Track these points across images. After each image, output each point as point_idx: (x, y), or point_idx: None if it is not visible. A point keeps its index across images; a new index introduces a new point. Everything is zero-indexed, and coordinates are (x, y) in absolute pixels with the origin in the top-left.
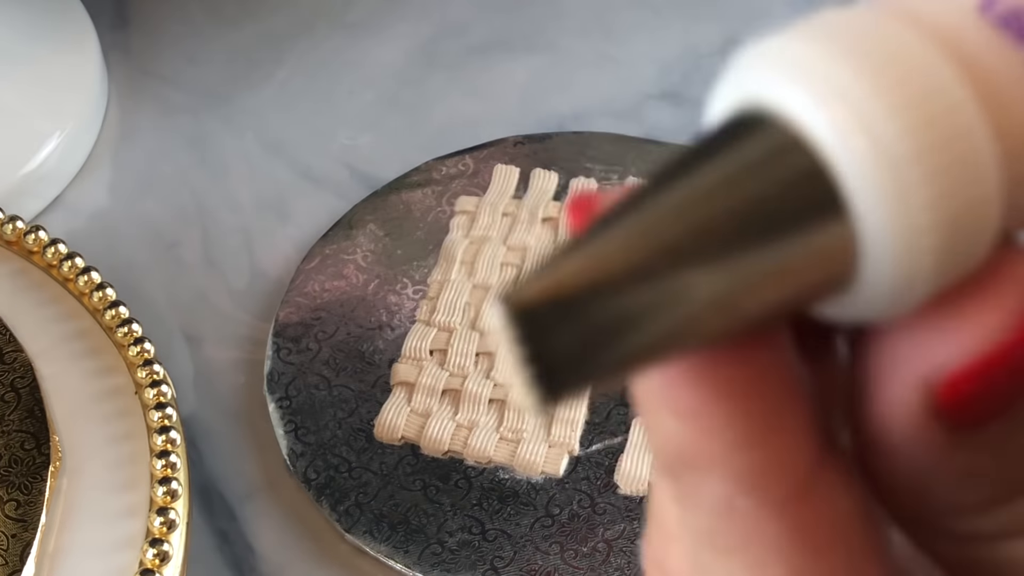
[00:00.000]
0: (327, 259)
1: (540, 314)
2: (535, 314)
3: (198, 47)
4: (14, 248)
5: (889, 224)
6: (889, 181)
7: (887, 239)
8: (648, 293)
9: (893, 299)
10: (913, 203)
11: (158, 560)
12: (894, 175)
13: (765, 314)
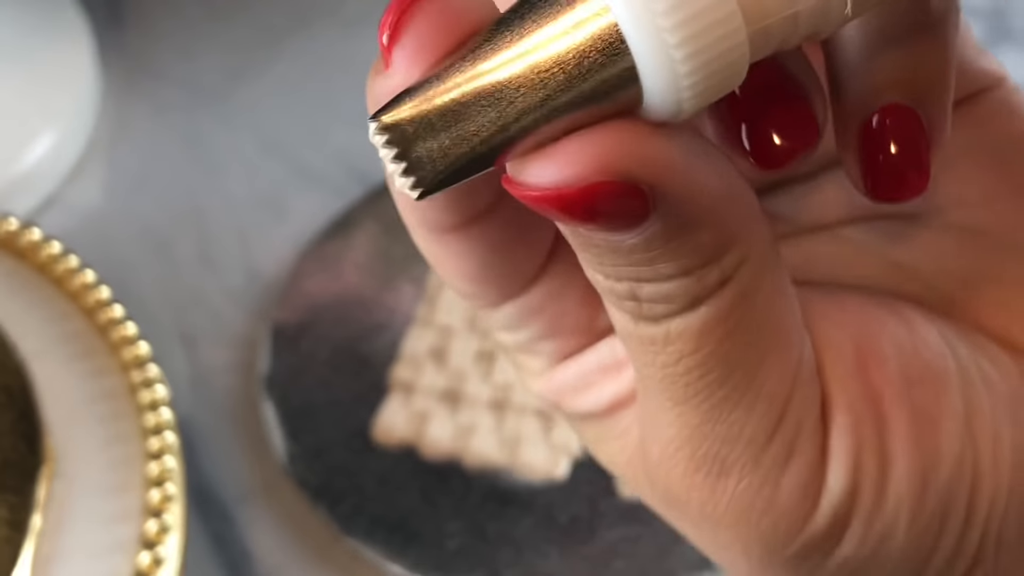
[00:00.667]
0: (324, 258)
1: (404, 127)
2: (401, 127)
3: (193, 44)
4: (6, 247)
5: (659, 76)
6: (659, 48)
7: (660, 87)
8: (479, 107)
9: (672, 115)
10: (675, 58)
11: (153, 564)
12: (662, 43)
13: (572, 125)
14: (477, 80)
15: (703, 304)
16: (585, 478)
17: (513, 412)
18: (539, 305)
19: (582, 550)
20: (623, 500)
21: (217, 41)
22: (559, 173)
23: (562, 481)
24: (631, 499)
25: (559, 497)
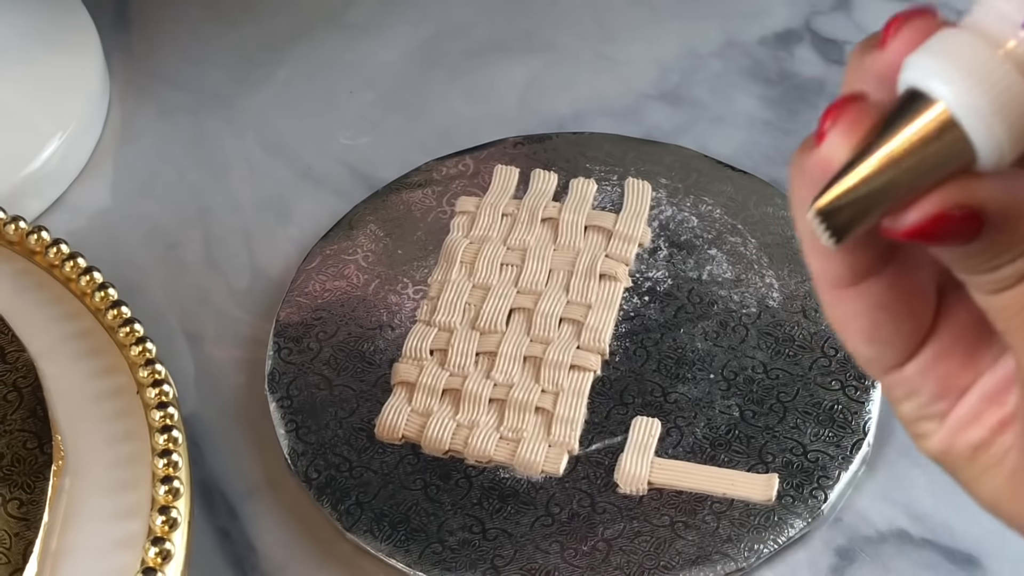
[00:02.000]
0: (328, 259)
1: (834, 205)
2: (832, 206)
3: (199, 48)
4: (16, 248)
5: (987, 147)
6: (984, 124)
7: (987, 153)
8: (879, 179)
9: (997, 165)
10: (998, 135)
11: (160, 559)
12: (986, 122)
13: (935, 183)
14: (878, 163)
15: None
16: (584, 475)
17: (513, 410)
18: (931, 365)
19: (581, 546)
20: (621, 496)
21: (223, 45)
22: (922, 213)
23: (561, 478)
24: (630, 495)
25: (558, 493)
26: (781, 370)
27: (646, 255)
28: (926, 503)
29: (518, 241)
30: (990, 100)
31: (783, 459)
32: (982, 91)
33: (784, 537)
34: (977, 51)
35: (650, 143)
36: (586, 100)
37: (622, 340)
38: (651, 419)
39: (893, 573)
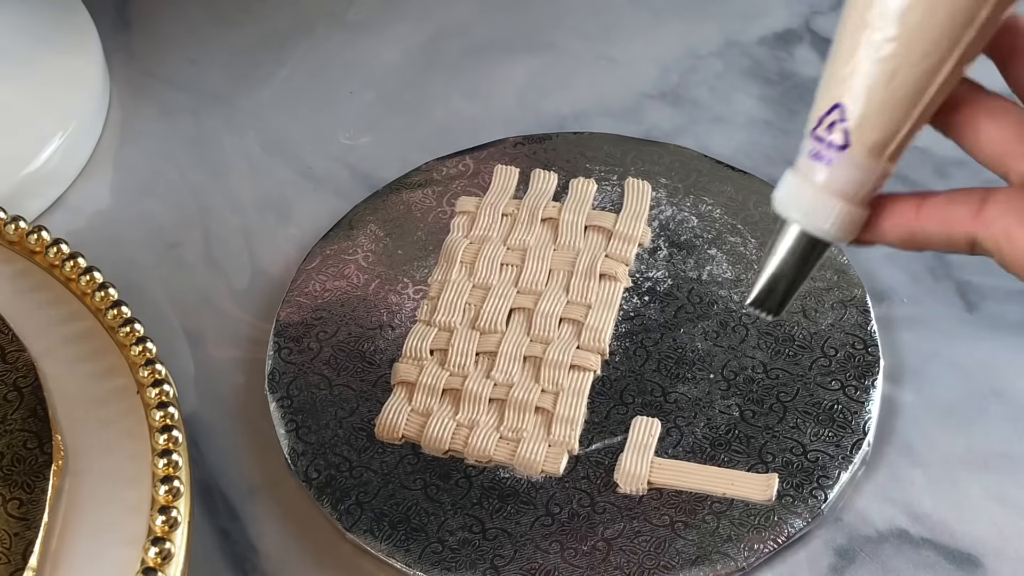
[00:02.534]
0: (328, 259)
1: (758, 297)
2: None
3: (199, 48)
4: (16, 248)
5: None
6: (815, 227)
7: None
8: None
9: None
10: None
11: (160, 558)
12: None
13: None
14: (778, 261)
15: None
16: (584, 475)
17: (513, 410)
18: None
19: (581, 546)
20: (621, 496)
21: (223, 45)
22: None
23: (561, 478)
24: (630, 495)
25: (558, 493)
26: (781, 370)
27: (646, 255)
28: (926, 503)
29: (518, 241)
30: (814, 217)
31: (783, 459)
32: (808, 214)
33: (784, 537)
34: (801, 189)
35: (650, 143)
36: (586, 100)
37: (622, 340)
38: (651, 419)
39: (893, 573)
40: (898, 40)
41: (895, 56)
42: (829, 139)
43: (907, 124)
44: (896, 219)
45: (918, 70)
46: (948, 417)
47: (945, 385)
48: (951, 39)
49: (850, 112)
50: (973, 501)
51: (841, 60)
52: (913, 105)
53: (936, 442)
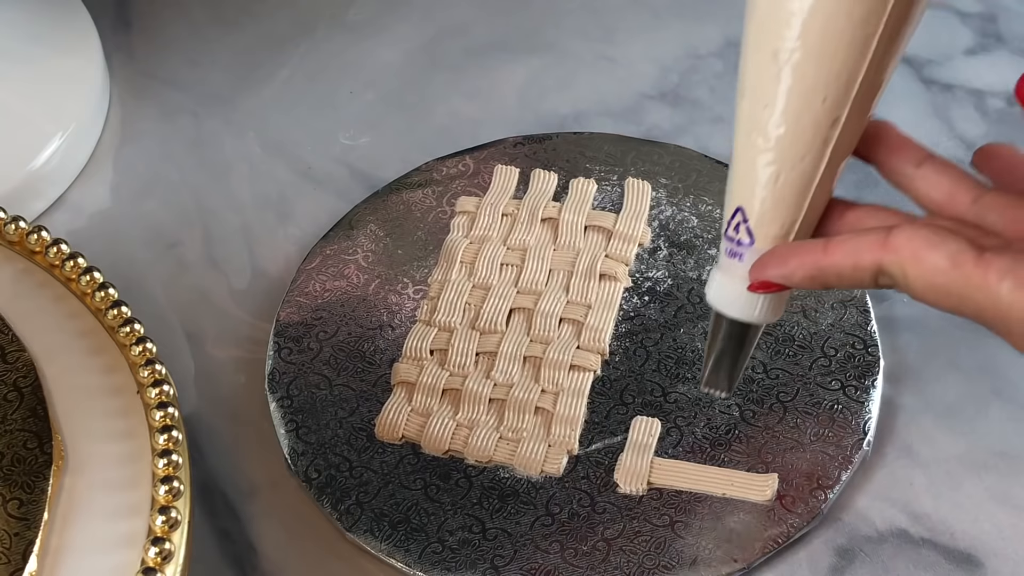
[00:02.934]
0: (328, 259)
1: (709, 379)
2: (708, 381)
3: (199, 49)
4: (17, 248)
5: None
6: (747, 315)
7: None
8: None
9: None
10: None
11: (160, 558)
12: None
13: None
14: (718, 347)
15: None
16: (584, 475)
17: (513, 410)
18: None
19: (581, 546)
20: (621, 496)
21: (223, 46)
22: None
23: (561, 478)
24: (630, 495)
25: (558, 493)
26: (781, 370)
27: (646, 255)
28: (926, 503)
29: (518, 241)
30: (742, 308)
31: (783, 459)
32: (736, 306)
33: (784, 537)
34: (726, 285)
35: (650, 143)
36: (586, 100)
37: (622, 340)
38: (651, 419)
39: (892, 573)
40: (775, 149)
41: (775, 162)
42: (738, 238)
43: (799, 216)
44: (804, 258)
45: (797, 171)
46: (948, 417)
47: (945, 385)
48: (820, 142)
49: (749, 213)
50: (973, 501)
51: (736, 170)
52: (799, 201)
53: (936, 442)
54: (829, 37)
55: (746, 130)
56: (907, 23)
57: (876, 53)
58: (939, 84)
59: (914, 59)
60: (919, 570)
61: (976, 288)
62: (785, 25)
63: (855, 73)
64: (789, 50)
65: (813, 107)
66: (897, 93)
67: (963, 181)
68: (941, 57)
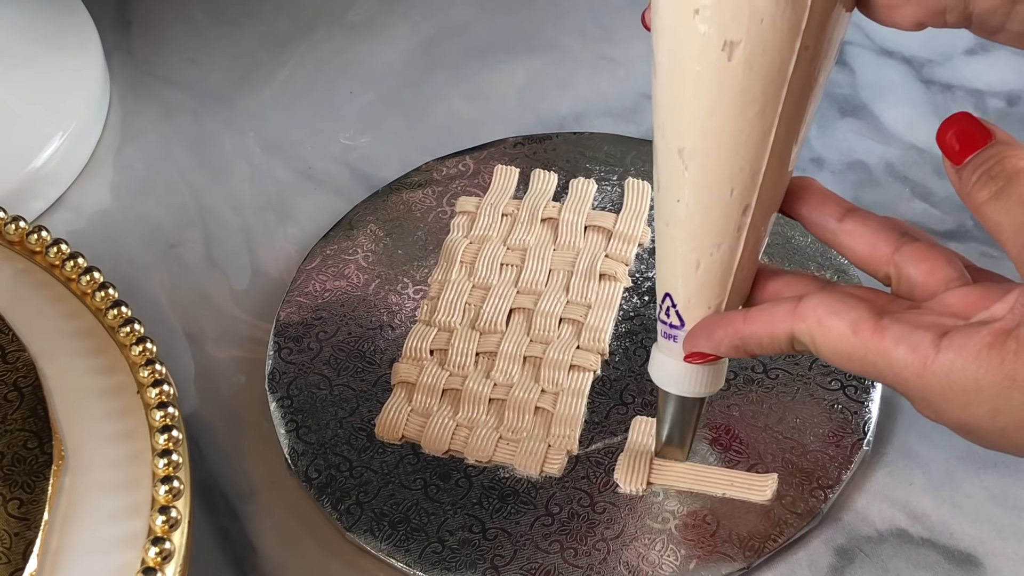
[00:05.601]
0: (328, 259)
1: (661, 450)
2: (661, 452)
3: (200, 49)
4: (17, 248)
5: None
6: (688, 390)
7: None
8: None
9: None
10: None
11: (160, 558)
12: (683, 389)
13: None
14: (667, 422)
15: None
16: (584, 475)
17: (513, 410)
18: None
19: (581, 546)
20: (621, 496)
21: (223, 46)
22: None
23: (561, 477)
24: (629, 495)
25: (558, 493)
26: (781, 370)
27: (646, 255)
28: (925, 503)
29: (518, 241)
30: (683, 384)
31: (783, 459)
32: (678, 383)
33: (784, 537)
34: (666, 365)
35: (650, 143)
36: (586, 100)
37: (622, 340)
38: (651, 419)
39: (892, 573)
40: (691, 239)
41: (694, 251)
42: (670, 322)
43: (724, 298)
44: (727, 328)
45: (715, 258)
46: None
47: None
48: (734, 229)
49: (677, 299)
50: (973, 501)
51: (660, 259)
52: (722, 283)
53: (936, 442)
54: (727, 135)
55: (664, 222)
56: (805, 107)
57: (776, 143)
58: (939, 84)
59: (914, 59)
60: (919, 570)
61: (875, 354)
62: (685, 126)
63: (758, 164)
64: (692, 149)
65: (722, 199)
66: (897, 93)
67: (883, 233)
68: (941, 57)
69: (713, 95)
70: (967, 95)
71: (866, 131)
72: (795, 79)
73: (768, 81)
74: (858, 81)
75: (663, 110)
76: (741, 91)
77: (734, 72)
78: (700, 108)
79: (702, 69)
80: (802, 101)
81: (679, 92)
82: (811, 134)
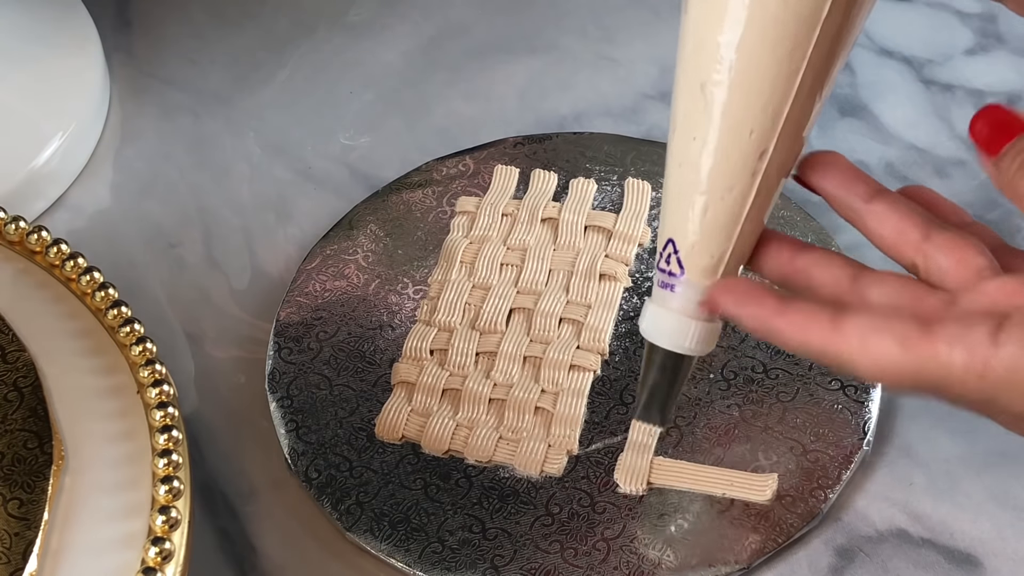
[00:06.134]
0: (328, 259)
1: (641, 411)
2: (641, 412)
3: (200, 49)
4: (17, 248)
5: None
6: (679, 346)
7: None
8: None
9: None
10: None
11: (160, 558)
12: (675, 343)
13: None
14: (651, 379)
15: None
16: (584, 475)
17: (513, 410)
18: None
19: (581, 546)
20: (621, 496)
21: (223, 46)
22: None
23: (561, 477)
24: (629, 495)
25: (558, 493)
26: (781, 370)
27: (646, 255)
28: (925, 503)
29: (518, 241)
30: (676, 337)
31: (783, 459)
32: (670, 336)
33: (784, 537)
34: (659, 316)
35: (650, 143)
36: (586, 100)
37: (622, 340)
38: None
39: (892, 573)
40: (703, 180)
41: (704, 193)
42: (669, 269)
43: (728, 247)
44: (758, 311)
45: (725, 203)
46: (948, 417)
47: None
48: (748, 173)
49: (680, 244)
50: (973, 501)
51: (667, 203)
52: (728, 232)
53: (936, 442)
54: (754, 71)
55: (676, 162)
56: (833, 60)
57: (802, 88)
58: (939, 84)
59: (914, 59)
60: (919, 570)
61: (931, 362)
62: (712, 59)
63: (781, 107)
64: (716, 83)
65: (740, 139)
66: (897, 93)
67: (911, 218)
68: (941, 57)
69: (744, 26)
70: (967, 95)
71: (866, 131)
72: (827, 24)
73: (802, 19)
74: (858, 81)
75: (690, 43)
76: (774, 24)
77: (768, 3)
78: (730, 40)
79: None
80: (831, 54)
81: (710, 22)
82: (811, 134)
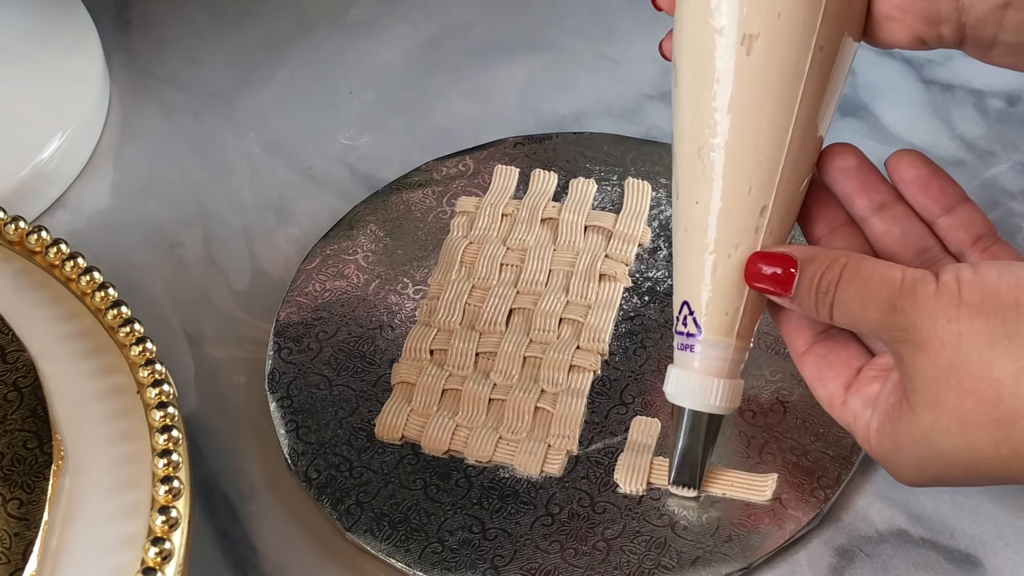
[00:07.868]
0: (328, 259)
1: (676, 476)
2: (676, 478)
3: (200, 48)
4: (17, 248)
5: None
6: (706, 407)
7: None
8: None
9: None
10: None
11: (160, 558)
12: (702, 403)
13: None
14: (681, 446)
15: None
16: (584, 475)
17: (513, 410)
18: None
19: (581, 546)
20: (621, 496)
21: (223, 46)
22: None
23: (561, 478)
24: (629, 495)
25: (558, 493)
26: (781, 370)
27: (646, 255)
28: (925, 503)
29: (518, 241)
30: (702, 397)
31: (783, 459)
32: (696, 396)
33: (784, 537)
34: (684, 378)
35: (650, 143)
36: (586, 100)
37: (622, 340)
38: (651, 419)
39: (892, 573)
40: (709, 242)
41: (711, 254)
42: (687, 331)
43: (741, 302)
44: (793, 339)
45: (733, 260)
46: None
47: None
48: (752, 230)
49: (694, 305)
50: (973, 501)
51: (677, 267)
52: (740, 288)
53: None
54: (746, 132)
55: (683, 227)
56: (820, 113)
57: (792, 144)
58: (939, 84)
59: (914, 59)
60: (919, 570)
61: (848, 422)
62: (706, 124)
63: (775, 163)
64: (712, 147)
65: (740, 197)
66: (897, 93)
67: (908, 242)
68: (941, 57)
69: (732, 89)
70: (967, 95)
71: (866, 131)
72: (811, 79)
73: (786, 78)
74: (858, 81)
75: (685, 112)
76: (759, 85)
77: (753, 65)
78: (720, 104)
79: (723, 64)
80: (817, 105)
81: (700, 90)
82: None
